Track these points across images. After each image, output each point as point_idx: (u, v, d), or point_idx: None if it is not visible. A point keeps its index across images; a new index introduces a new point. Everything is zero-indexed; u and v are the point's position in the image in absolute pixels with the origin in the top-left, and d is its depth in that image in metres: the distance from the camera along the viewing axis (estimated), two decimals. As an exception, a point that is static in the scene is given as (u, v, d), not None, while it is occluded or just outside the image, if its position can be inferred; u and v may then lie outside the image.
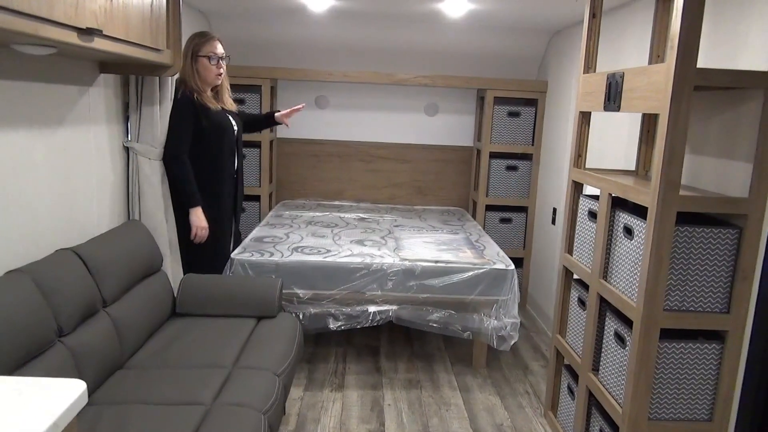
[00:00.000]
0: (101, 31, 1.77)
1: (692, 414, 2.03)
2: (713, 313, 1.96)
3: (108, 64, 2.47)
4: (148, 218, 2.71)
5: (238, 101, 4.29)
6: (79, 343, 1.84)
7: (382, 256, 3.21)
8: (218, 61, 2.91)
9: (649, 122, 2.55)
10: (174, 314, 2.60)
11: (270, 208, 4.50)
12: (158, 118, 2.73)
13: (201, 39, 2.90)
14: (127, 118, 2.75)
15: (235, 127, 3.12)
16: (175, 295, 2.64)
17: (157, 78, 2.68)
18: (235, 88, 4.28)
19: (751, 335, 1.90)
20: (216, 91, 3.05)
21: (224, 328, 2.42)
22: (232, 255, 3.09)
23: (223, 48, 2.96)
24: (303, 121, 4.73)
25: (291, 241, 3.46)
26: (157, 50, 2.32)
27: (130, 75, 2.67)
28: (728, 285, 1.95)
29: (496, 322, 3.09)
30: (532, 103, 4.33)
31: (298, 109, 3.44)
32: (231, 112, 3.13)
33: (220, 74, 2.95)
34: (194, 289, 2.63)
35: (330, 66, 4.42)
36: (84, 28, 1.69)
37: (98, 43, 1.81)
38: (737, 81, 1.80)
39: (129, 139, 2.75)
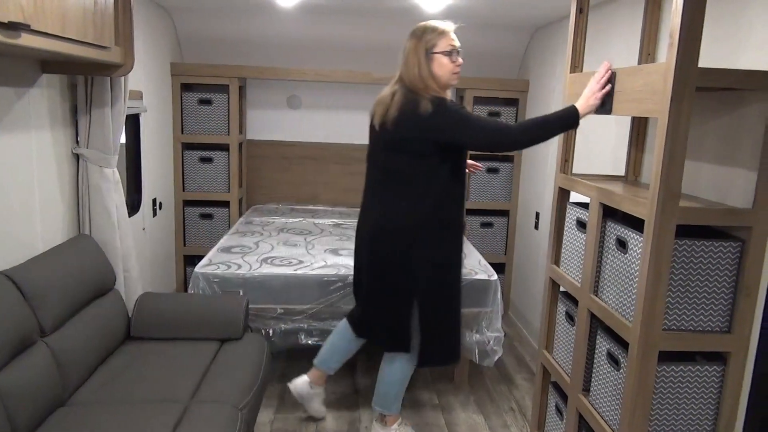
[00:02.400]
0: (29, 26, 1.55)
1: (692, 441, 1.88)
2: (714, 333, 1.81)
3: (51, 64, 2.24)
4: (100, 232, 2.48)
5: (205, 102, 4.07)
6: (10, 383, 1.61)
7: (358, 266, 3.01)
8: (458, 55, 2.27)
9: (639, 125, 2.40)
10: (128, 338, 2.38)
11: (240, 215, 4.28)
12: (110, 122, 2.50)
13: (433, 33, 2.24)
14: (76, 123, 2.52)
15: None
16: (130, 316, 2.41)
17: (108, 78, 2.45)
18: (200, 88, 4.08)
19: (756, 356, 1.75)
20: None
21: (183, 354, 2.21)
22: (195, 269, 2.87)
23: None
24: (274, 122, 4.52)
25: (261, 251, 3.25)
26: (103, 48, 2.10)
27: (78, 75, 2.43)
28: (730, 302, 1.79)
29: (478, 336, 2.91)
30: (512, 103, 4.17)
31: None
32: None
33: (458, 72, 2.29)
34: (151, 309, 2.41)
35: (302, 64, 4.21)
36: (6, 22, 1.47)
37: (27, 40, 1.58)
38: (741, 82, 1.64)
39: (78, 145, 2.51)
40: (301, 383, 2.70)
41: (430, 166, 2.26)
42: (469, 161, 2.59)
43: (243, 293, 2.78)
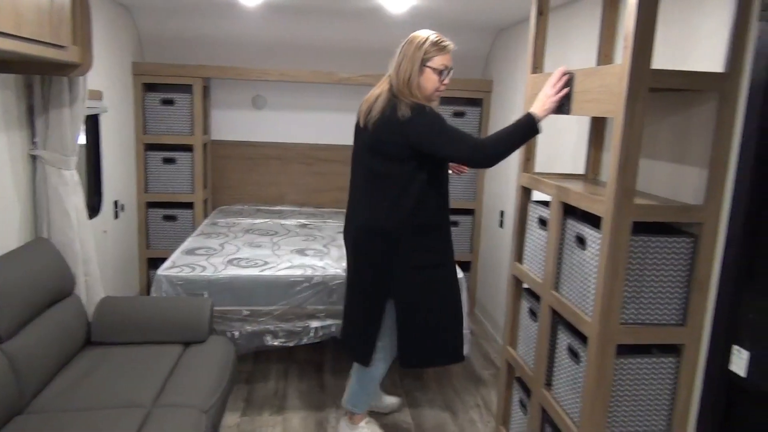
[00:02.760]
0: (-20, 25, 1.51)
1: (649, 430, 1.93)
2: (669, 326, 1.86)
3: (5, 63, 2.17)
4: (58, 235, 2.42)
5: (168, 102, 4.01)
6: (-37, 391, 1.57)
7: (325, 267, 3.02)
8: (447, 76, 2.30)
9: (598, 125, 2.46)
10: (89, 343, 2.33)
11: (205, 216, 4.23)
12: (69, 122, 2.45)
13: (433, 47, 2.24)
14: (32, 124, 2.45)
15: None
16: (90, 320, 2.36)
17: (66, 78, 2.39)
18: (163, 87, 4.02)
19: (708, 348, 1.82)
20: None
21: (145, 358, 2.17)
22: (158, 271, 2.82)
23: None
24: (239, 122, 4.48)
25: (226, 252, 3.22)
26: (60, 47, 2.05)
27: (34, 75, 2.37)
28: (684, 296, 1.86)
29: (445, 333, 2.94)
30: (477, 102, 4.22)
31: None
32: None
33: (441, 92, 2.32)
34: (112, 313, 2.37)
35: (267, 64, 4.18)
36: (-46, 20, 1.43)
37: (-23, 39, 1.54)
38: (692, 83, 1.70)
39: (35, 146, 2.45)
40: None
41: (408, 170, 2.25)
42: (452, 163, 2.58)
43: (208, 295, 2.75)
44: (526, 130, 2.12)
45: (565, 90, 2.00)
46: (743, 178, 1.64)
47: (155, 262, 3.90)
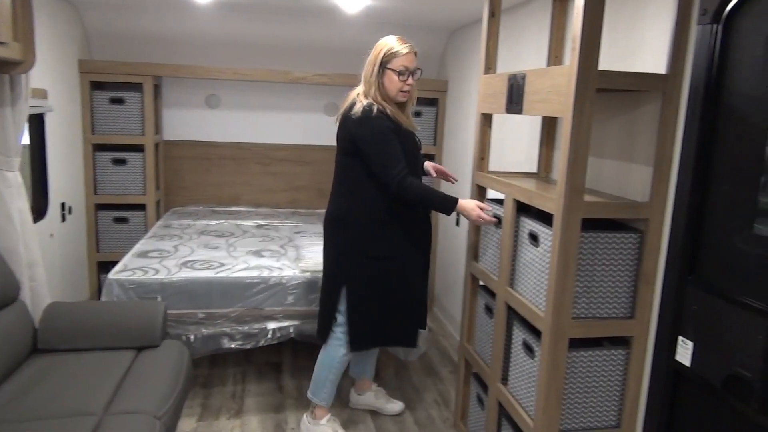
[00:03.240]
0: None
1: (601, 421, 1.99)
2: (619, 319, 1.93)
3: (-61, 60, 2.08)
4: (1, 239, 2.32)
5: (117, 101, 3.90)
6: None
7: (281, 268, 2.99)
8: (409, 76, 2.38)
9: (549, 124, 2.51)
10: (35, 351, 2.24)
11: (158, 218, 4.12)
12: (11, 122, 2.35)
13: (391, 50, 2.34)
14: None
15: (420, 151, 2.60)
16: (37, 327, 2.27)
17: (7, 76, 2.30)
18: (112, 86, 3.91)
19: (655, 339, 1.88)
20: (402, 108, 2.49)
21: (96, 365, 2.11)
22: (109, 275, 2.74)
23: (415, 56, 2.41)
24: (192, 122, 4.39)
25: (180, 254, 3.15)
26: (0, 43, 1.97)
27: (-29, 72, 2.27)
28: (632, 290, 1.92)
29: (403, 332, 2.96)
30: (433, 102, 4.26)
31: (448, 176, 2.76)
32: (414, 133, 2.58)
33: (406, 92, 2.41)
34: (60, 319, 2.28)
35: (220, 63, 4.11)
36: None
37: None
38: (637, 84, 1.76)
39: (-26, 147, 2.34)
40: (354, 398, 2.93)
41: (363, 166, 2.37)
42: (441, 168, 2.74)
43: (161, 299, 2.69)
44: (444, 205, 2.34)
45: (485, 219, 2.25)
46: (685, 176, 1.71)
47: (106, 266, 3.79)
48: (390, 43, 2.37)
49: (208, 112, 4.41)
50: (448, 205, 2.32)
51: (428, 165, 2.72)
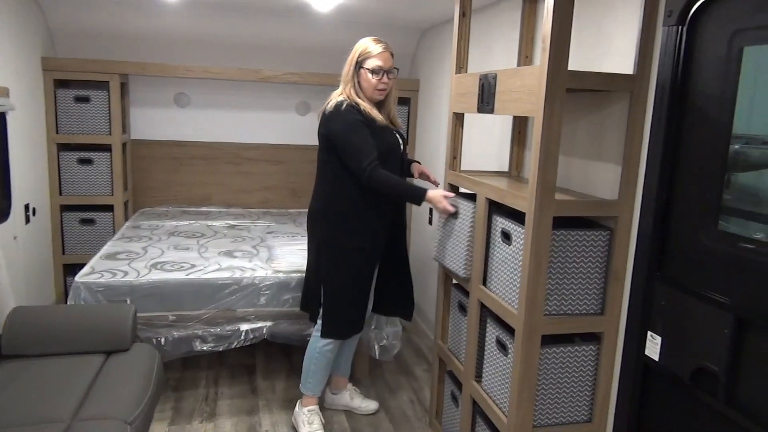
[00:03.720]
0: None
1: (573, 417, 2.02)
2: (590, 315, 1.96)
3: None
4: (-38, 243, 2.25)
5: (83, 99, 3.81)
6: None
7: (254, 268, 2.96)
8: (383, 75, 2.43)
9: (520, 124, 2.54)
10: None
11: (126, 219, 4.04)
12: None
13: (366, 50, 2.42)
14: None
15: (401, 148, 2.60)
16: (0, 333, 2.21)
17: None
18: (77, 84, 3.82)
19: (625, 335, 1.92)
20: (381, 106, 2.54)
21: (63, 370, 2.05)
22: (76, 278, 2.68)
23: (392, 59, 2.47)
24: (161, 121, 4.32)
25: (149, 256, 3.09)
26: (-42, 40, 1.90)
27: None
28: (602, 286, 1.96)
29: (377, 331, 2.96)
30: (405, 102, 4.26)
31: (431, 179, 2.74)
32: (397, 130, 2.59)
33: (382, 90, 2.47)
34: (25, 324, 2.22)
35: (189, 61, 4.05)
36: None
37: None
38: (606, 84, 1.79)
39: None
40: (329, 398, 2.92)
41: (339, 160, 2.43)
42: (422, 169, 2.72)
43: (130, 302, 2.64)
44: (414, 195, 2.39)
45: (450, 210, 2.33)
46: (652, 174, 1.75)
47: (72, 269, 3.70)
48: (365, 43, 2.45)
49: (178, 111, 4.34)
50: (418, 194, 2.38)
51: (414, 168, 2.73)
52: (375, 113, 2.46)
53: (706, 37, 1.58)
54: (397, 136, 2.58)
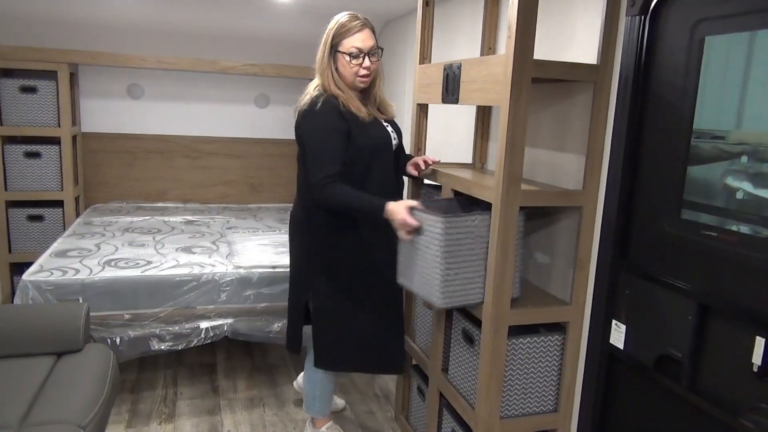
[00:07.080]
0: None
1: (540, 407, 2.03)
2: (556, 305, 1.96)
3: None
4: None
5: (29, 89, 3.63)
6: None
7: (214, 264, 2.87)
8: (364, 57, 2.09)
9: (483, 115, 2.53)
10: (-60, 361, 2.04)
11: (77, 215, 3.88)
12: None
13: (340, 29, 2.08)
14: None
15: (395, 142, 2.23)
16: (-59, 336, 2.07)
17: None
18: (22, 73, 3.64)
19: (590, 324, 1.93)
20: (366, 94, 2.21)
21: (10, 373, 1.94)
22: (23, 277, 2.55)
23: (374, 36, 2.13)
24: (114, 113, 4.16)
25: (102, 253, 2.97)
26: None
27: None
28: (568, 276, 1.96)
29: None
30: (367, 94, 4.21)
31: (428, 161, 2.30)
32: (389, 121, 2.25)
33: (366, 76, 2.11)
34: (-32, 326, 2.09)
35: (143, 50, 3.91)
36: None
37: None
38: (571, 74, 1.79)
39: None
40: (297, 382, 2.82)
41: None
42: (418, 160, 2.29)
43: (83, 300, 2.52)
44: (372, 209, 1.99)
45: (410, 222, 1.89)
46: (616, 164, 1.75)
47: (20, 267, 3.53)
48: (339, 20, 2.10)
49: (131, 103, 4.18)
50: (377, 207, 1.97)
51: (410, 165, 2.33)
52: (358, 106, 2.10)
53: (668, 26, 1.60)
54: (389, 129, 2.22)
